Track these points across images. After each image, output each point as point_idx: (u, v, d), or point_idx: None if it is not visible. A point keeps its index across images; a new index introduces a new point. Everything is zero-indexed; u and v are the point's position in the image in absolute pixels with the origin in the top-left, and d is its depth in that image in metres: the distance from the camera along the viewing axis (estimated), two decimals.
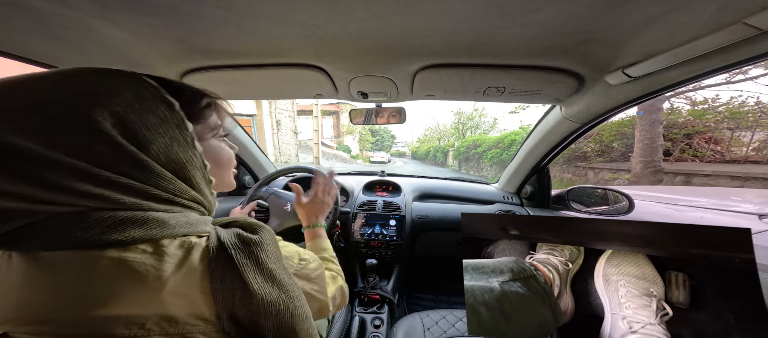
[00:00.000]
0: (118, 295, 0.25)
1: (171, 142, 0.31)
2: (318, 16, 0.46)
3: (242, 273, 0.30)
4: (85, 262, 0.26)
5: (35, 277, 0.25)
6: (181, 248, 0.29)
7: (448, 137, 21.63)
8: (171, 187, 0.31)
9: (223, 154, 0.42)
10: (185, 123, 0.33)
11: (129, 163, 0.28)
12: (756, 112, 5.06)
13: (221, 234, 0.32)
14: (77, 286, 0.25)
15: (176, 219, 0.30)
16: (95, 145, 0.26)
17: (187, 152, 0.32)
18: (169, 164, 0.31)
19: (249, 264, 0.31)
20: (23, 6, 0.43)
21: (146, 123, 0.29)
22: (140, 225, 0.27)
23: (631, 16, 0.45)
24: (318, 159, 11.87)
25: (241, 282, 0.30)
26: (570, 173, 6.87)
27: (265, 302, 0.30)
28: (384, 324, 1.07)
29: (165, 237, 0.29)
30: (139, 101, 0.29)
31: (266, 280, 0.32)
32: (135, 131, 0.28)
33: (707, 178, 4.41)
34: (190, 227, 0.31)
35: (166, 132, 0.30)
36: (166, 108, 0.31)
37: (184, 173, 0.32)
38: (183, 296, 0.28)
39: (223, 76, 0.72)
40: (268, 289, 0.31)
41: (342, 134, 22.23)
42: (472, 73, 0.68)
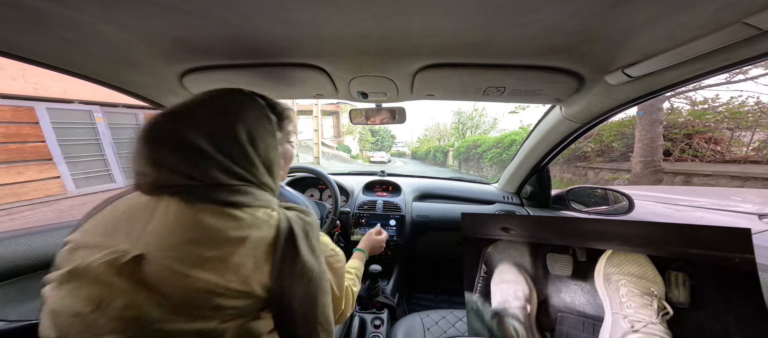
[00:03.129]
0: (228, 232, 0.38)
1: (268, 146, 0.46)
2: (318, 16, 0.46)
3: (298, 241, 0.42)
4: (213, 212, 0.39)
5: (178, 218, 0.37)
6: (265, 214, 0.42)
7: (448, 137, 21.65)
8: (263, 178, 0.45)
9: (288, 154, 0.56)
10: (276, 133, 0.48)
11: (248, 161, 0.43)
12: (756, 112, 5.06)
13: (287, 213, 0.45)
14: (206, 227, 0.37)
15: (262, 196, 0.44)
16: (234, 147, 0.42)
17: (275, 153, 0.47)
18: (265, 161, 0.45)
19: (302, 236, 0.43)
20: (23, 6, 0.43)
21: (260, 134, 0.44)
22: (244, 195, 0.41)
23: (631, 16, 0.45)
24: (318, 159, 11.85)
25: (295, 246, 0.41)
26: (570, 173, 6.87)
27: (306, 267, 0.41)
28: (384, 324, 1.07)
29: (256, 206, 0.42)
30: (259, 117, 0.45)
31: (310, 252, 0.43)
32: (255, 139, 0.43)
33: (707, 178, 4.41)
34: (268, 203, 0.44)
35: (268, 140, 0.46)
36: (268, 122, 0.47)
37: (271, 168, 0.47)
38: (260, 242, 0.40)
39: (223, 76, 0.72)
40: (309, 258, 0.42)
41: (342, 134, 22.23)
42: (472, 73, 0.68)
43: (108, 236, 0.37)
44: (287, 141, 0.54)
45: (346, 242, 1.37)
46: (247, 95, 0.46)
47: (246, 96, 0.46)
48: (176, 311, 0.34)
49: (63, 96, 5.22)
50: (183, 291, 0.34)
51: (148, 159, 0.39)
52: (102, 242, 0.37)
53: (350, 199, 1.48)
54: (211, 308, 0.35)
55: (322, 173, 1.23)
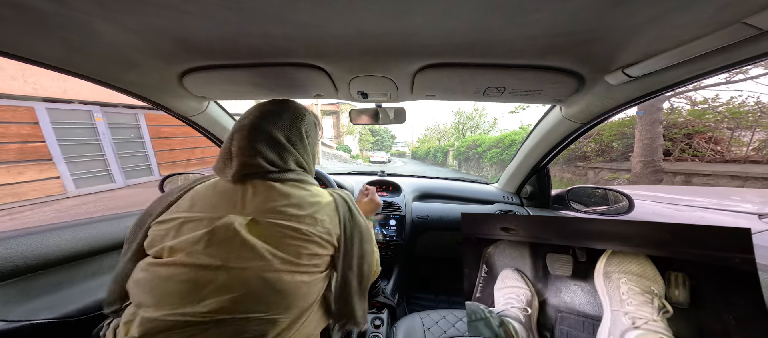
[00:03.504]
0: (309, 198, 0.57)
1: (315, 143, 0.68)
2: (318, 16, 0.46)
3: (352, 206, 0.63)
4: (295, 186, 0.57)
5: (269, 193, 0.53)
6: (319, 189, 0.62)
7: (448, 137, 21.64)
8: (312, 165, 0.65)
9: (318, 151, 0.73)
10: (318, 136, 0.70)
11: (307, 153, 0.63)
12: (756, 112, 5.05)
13: (333, 189, 0.66)
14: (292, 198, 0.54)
15: (308, 177, 0.61)
16: (298, 142, 0.61)
17: (317, 148, 0.69)
18: (314, 154, 0.66)
19: (351, 205, 0.63)
20: (23, 6, 0.43)
21: (312, 134, 0.66)
22: (306, 176, 0.61)
23: (631, 16, 0.45)
24: (318, 159, 11.84)
25: (349, 207, 0.62)
26: (570, 173, 6.87)
27: (361, 226, 0.61)
28: (384, 324, 1.07)
29: (312, 183, 0.62)
30: (311, 121, 0.66)
31: (358, 214, 0.62)
32: (310, 138, 0.65)
33: (707, 178, 4.41)
34: (316, 183, 0.64)
35: (315, 139, 0.68)
36: (316, 126, 0.69)
37: (314, 161, 0.67)
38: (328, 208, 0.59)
39: (222, 76, 0.72)
40: (361, 219, 0.62)
41: (342, 134, 22.23)
42: (472, 73, 0.68)
43: (213, 210, 0.50)
44: (318, 141, 0.74)
45: None
46: (302, 105, 0.66)
47: (301, 105, 0.65)
48: (282, 261, 0.48)
49: (63, 96, 5.22)
50: (287, 239, 0.49)
51: (248, 149, 0.54)
52: (210, 214, 0.50)
53: None
54: (308, 254, 0.51)
55: (322, 173, 1.23)
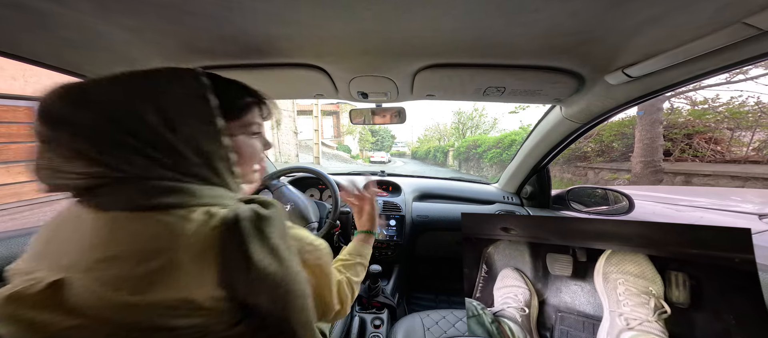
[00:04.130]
0: (156, 249, 0.31)
1: (197, 133, 0.36)
2: (318, 16, 0.46)
3: (248, 241, 0.33)
4: (136, 221, 0.32)
5: (96, 232, 0.32)
6: (204, 215, 0.34)
7: (448, 137, 21.64)
8: (195, 170, 0.37)
9: (245, 150, 0.45)
10: (215, 120, 0.38)
11: (167, 147, 0.34)
12: (756, 112, 5.05)
13: (240, 207, 0.36)
14: (130, 240, 0.31)
15: (204, 192, 0.36)
16: (142, 130, 0.33)
17: (213, 143, 0.38)
18: (199, 151, 0.36)
19: (255, 234, 0.34)
20: (24, 6, 0.43)
21: (184, 117, 0.35)
22: (175, 194, 0.34)
23: (631, 16, 0.45)
24: (318, 159, 11.86)
25: (244, 250, 0.33)
26: (570, 173, 6.87)
27: (263, 273, 0.33)
28: (384, 324, 1.07)
29: (192, 205, 0.34)
30: (184, 97, 0.36)
31: (267, 253, 0.34)
32: (173, 121, 0.34)
33: (707, 178, 4.41)
34: (214, 200, 0.37)
35: (197, 126, 0.36)
36: (204, 105, 0.37)
37: (210, 162, 0.38)
38: (199, 254, 0.32)
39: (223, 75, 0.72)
40: (267, 261, 0.34)
41: (342, 134, 22.22)
42: (472, 73, 0.68)
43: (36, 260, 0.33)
44: (247, 133, 0.45)
45: (346, 242, 1.37)
46: (173, 72, 0.37)
47: (171, 73, 0.37)
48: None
49: None
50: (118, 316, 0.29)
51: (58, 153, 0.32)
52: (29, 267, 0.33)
53: None
54: (160, 330, 0.30)
55: (322, 173, 1.23)
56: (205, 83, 0.38)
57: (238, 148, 0.43)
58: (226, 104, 0.40)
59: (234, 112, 0.43)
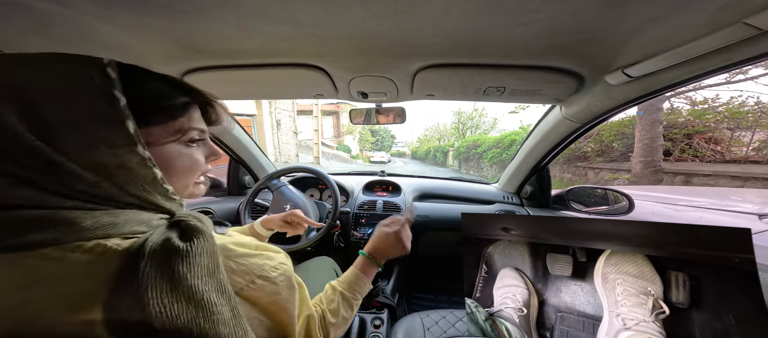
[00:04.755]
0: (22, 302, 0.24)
1: (98, 142, 0.27)
2: (318, 16, 0.46)
3: (144, 287, 0.25)
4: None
5: None
6: (89, 254, 0.26)
7: (448, 137, 21.66)
8: (92, 190, 0.28)
9: (179, 162, 0.36)
10: (126, 123, 0.28)
11: (36, 160, 0.25)
12: (756, 112, 5.05)
13: (152, 237, 0.28)
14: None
15: (96, 220, 0.27)
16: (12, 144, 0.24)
17: (122, 155, 0.29)
18: (95, 166, 0.28)
19: (157, 277, 0.26)
20: (23, 6, 0.43)
21: (68, 119, 0.26)
22: (46, 227, 0.25)
23: (631, 16, 0.45)
24: (318, 159, 11.87)
25: (137, 297, 0.25)
26: (570, 173, 6.87)
27: (168, 327, 0.25)
28: (384, 324, 1.07)
29: (72, 241, 0.26)
30: (69, 92, 0.27)
31: (178, 299, 0.26)
32: (51, 127, 0.26)
33: (707, 178, 4.41)
34: (114, 229, 0.28)
35: (93, 131, 0.27)
36: (105, 103, 0.28)
37: (114, 177, 0.29)
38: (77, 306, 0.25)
39: (223, 76, 0.72)
40: (176, 311, 0.26)
41: (342, 134, 22.23)
42: (472, 73, 0.68)
43: None
44: (179, 142, 0.36)
45: (346, 242, 1.37)
46: (58, 59, 0.27)
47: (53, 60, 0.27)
48: None
49: None
50: None
51: None
52: None
53: (350, 199, 1.48)
54: None
55: (322, 173, 1.23)
56: (111, 76, 0.28)
57: (167, 160, 0.34)
58: (147, 105, 0.32)
59: (159, 115, 0.33)
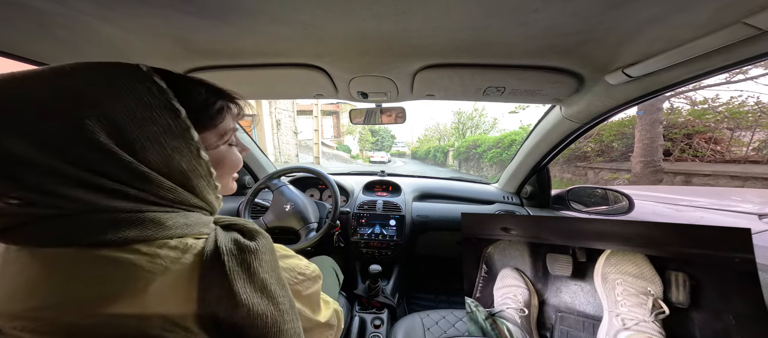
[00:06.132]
0: (109, 294, 0.25)
1: (173, 152, 0.30)
2: (318, 16, 0.46)
3: (232, 281, 0.29)
4: (81, 260, 0.26)
5: (30, 272, 0.25)
6: (175, 250, 0.29)
7: (448, 137, 21.67)
8: (171, 195, 0.31)
9: (228, 160, 0.40)
10: (191, 132, 0.31)
11: (126, 173, 0.27)
12: (756, 112, 5.05)
13: (219, 237, 0.31)
14: (71, 284, 0.25)
15: (174, 220, 0.30)
16: (88, 152, 0.26)
17: (191, 161, 0.32)
18: (171, 173, 0.30)
19: (240, 272, 0.30)
20: (23, 6, 0.43)
21: (147, 134, 0.28)
22: (136, 226, 0.27)
23: (631, 16, 0.45)
24: (318, 159, 11.87)
25: (229, 291, 0.28)
26: (570, 173, 6.87)
27: (252, 313, 0.29)
28: (384, 324, 1.07)
29: (160, 238, 0.28)
30: (142, 107, 0.28)
31: (256, 290, 0.30)
32: (133, 141, 0.27)
33: (707, 178, 4.41)
34: (188, 229, 0.31)
35: (168, 142, 0.30)
36: (172, 116, 0.30)
37: (187, 182, 0.32)
38: (168, 299, 0.27)
39: (223, 76, 0.72)
40: (256, 300, 0.29)
41: (342, 134, 22.23)
42: (472, 73, 0.68)
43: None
44: (226, 143, 0.39)
45: (346, 242, 1.37)
46: (124, 75, 0.28)
47: (121, 76, 0.28)
48: None
49: None
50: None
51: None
52: None
53: (350, 199, 1.48)
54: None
55: (322, 173, 1.23)
56: (162, 86, 0.30)
57: (218, 161, 0.37)
58: (197, 112, 0.33)
59: (208, 120, 0.35)
